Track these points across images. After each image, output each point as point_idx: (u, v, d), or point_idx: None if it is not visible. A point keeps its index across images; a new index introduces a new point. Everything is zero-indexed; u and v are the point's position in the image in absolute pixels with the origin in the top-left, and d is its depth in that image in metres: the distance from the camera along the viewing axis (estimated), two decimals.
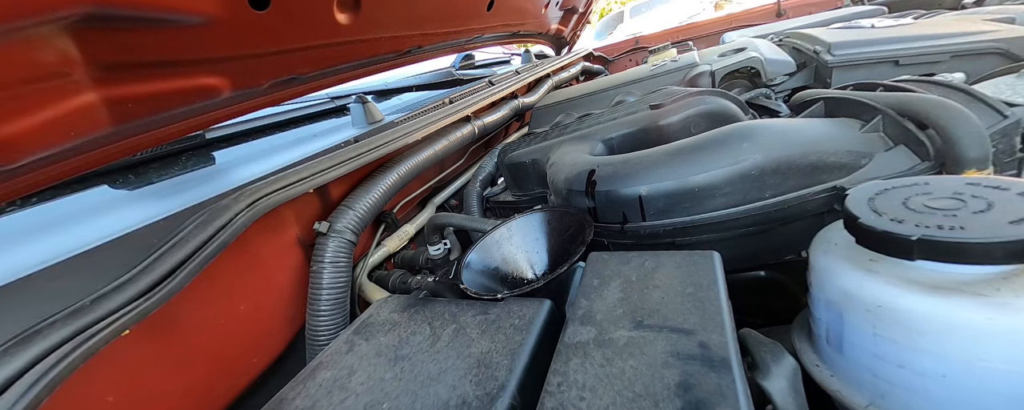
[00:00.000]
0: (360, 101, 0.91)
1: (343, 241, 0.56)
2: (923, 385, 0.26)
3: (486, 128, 0.94)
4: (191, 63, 0.44)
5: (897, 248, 0.27)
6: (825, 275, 0.32)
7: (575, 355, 0.29)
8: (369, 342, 0.37)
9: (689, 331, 0.29)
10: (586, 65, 1.68)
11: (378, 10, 0.65)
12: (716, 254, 0.37)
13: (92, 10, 0.32)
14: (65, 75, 0.33)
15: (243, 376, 0.49)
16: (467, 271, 0.46)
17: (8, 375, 0.31)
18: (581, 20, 1.72)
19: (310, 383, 0.33)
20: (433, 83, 1.52)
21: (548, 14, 1.39)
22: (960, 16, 0.97)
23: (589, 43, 2.26)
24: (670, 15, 4.17)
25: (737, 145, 0.48)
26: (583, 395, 0.26)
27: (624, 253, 0.39)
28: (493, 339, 0.33)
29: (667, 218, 0.49)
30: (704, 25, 2.00)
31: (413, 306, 0.40)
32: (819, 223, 0.37)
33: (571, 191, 0.56)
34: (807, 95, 0.64)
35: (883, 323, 0.27)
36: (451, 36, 0.93)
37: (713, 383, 0.25)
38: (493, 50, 1.88)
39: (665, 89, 0.74)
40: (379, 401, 0.30)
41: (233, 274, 0.48)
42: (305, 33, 0.56)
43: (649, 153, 0.53)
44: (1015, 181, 0.29)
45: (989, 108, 0.46)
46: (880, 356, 0.28)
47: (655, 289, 0.34)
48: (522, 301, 0.37)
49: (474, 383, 0.29)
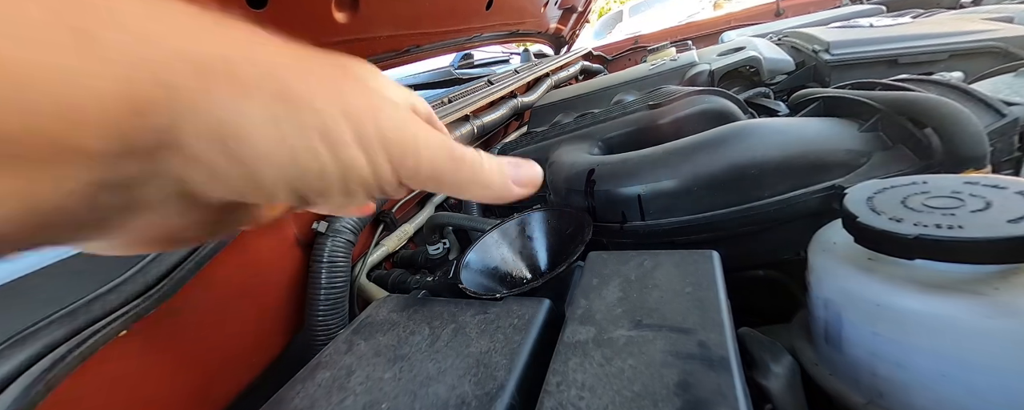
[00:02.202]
0: None
1: (342, 240, 0.56)
2: (922, 384, 0.26)
3: (485, 127, 0.94)
4: None
5: (895, 247, 0.27)
6: (824, 274, 0.32)
7: (574, 354, 0.29)
8: (368, 342, 0.37)
9: (688, 330, 0.29)
10: (585, 64, 1.68)
11: (376, 9, 0.65)
12: (715, 253, 0.37)
13: None
14: None
15: (241, 376, 0.48)
16: (466, 271, 0.46)
17: (4, 376, 0.31)
18: (580, 19, 1.72)
19: (309, 383, 0.33)
20: (432, 82, 1.52)
21: (547, 13, 1.38)
22: (958, 15, 0.97)
23: (588, 42, 2.26)
24: (669, 14, 4.17)
25: (736, 144, 0.48)
26: (582, 394, 0.26)
27: (623, 252, 0.39)
28: (492, 339, 0.33)
29: (666, 217, 0.49)
30: (703, 24, 2.00)
31: (412, 306, 0.40)
32: (818, 222, 0.37)
33: (570, 190, 0.56)
34: (806, 94, 0.64)
35: (882, 322, 0.27)
36: (450, 35, 0.93)
37: (712, 382, 0.25)
38: (492, 49, 1.88)
39: (664, 88, 0.74)
40: (378, 401, 0.30)
41: (231, 274, 0.48)
42: (303, 32, 0.56)
43: (648, 152, 0.53)
44: (1013, 180, 0.29)
45: (987, 107, 0.46)
46: (879, 355, 0.28)
47: (654, 288, 0.34)
48: (521, 301, 0.37)
49: (473, 383, 0.29)
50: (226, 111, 0.13)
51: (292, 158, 0.15)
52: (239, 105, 0.14)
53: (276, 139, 0.14)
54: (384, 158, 0.17)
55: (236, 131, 0.14)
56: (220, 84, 0.13)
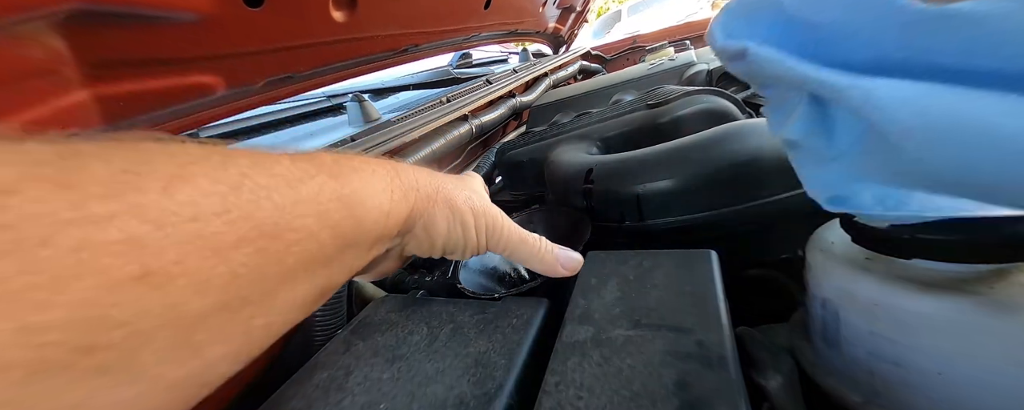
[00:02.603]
0: (357, 100, 0.90)
1: None
2: (920, 383, 0.26)
3: (483, 127, 0.94)
4: (184, 61, 0.44)
5: (892, 246, 0.27)
6: (821, 273, 0.32)
7: (573, 354, 0.29)
8: (366, 342, 0.36)
9: (687, 330, 0.29)
10: (583, 64, 1.68)
11: (375, 8, 0.65)
12: (713, 253, 0.37)
13: (81, 6, 0.31)
14: (54, 73, 0.33)
15: (240, 376, 0.48)
16: (465, 270, 0.46)
17: None
18: (578, 19, 1.72)
19: (307, 383, 0.33)
20: (430, 82, 1.52)
21: (545, 13, 1.38)
22: None
23: (587, 42, 2.26)
24: (667, 14, 4.17)
25: (734, 144, 0.48)
26: (581, 394, 0.26)
27: (622, 252, 0.39)
28: (491, 339, 0.33)
29: (664, 217, 0.49)
30: (702, 24, 2.00)
31: (410, 306, 0.40)
32: (815, 222, 0.37)
33: (568, 190, 0.56)
34: None
35: (879, 321, 0.27)
36: (448, 34, 0.93)
37: (711, 382, 0.25)
38: (490, 49, 1.88)
39: (662, 88, 0.74)
40: (376, 401, 0.30)
41: None
42: (301, 31, 0.56)
43: (646, 152, 0.53)
44: None
45: None
46: (877, 354, 0.28)
47: (653, 288, 0.34)
48: (520, 301, 0.37)
49: (472, 383, 0.29)
50: (429, 215, 0.29)
51: (449, 235, 0.30)
52: (433, 211, 0.29)
53: (446, 230, 0.30)
54: (484, 237, 0.32)
55: (432, 224, 0.29)
56: (428, 202, 0.29)
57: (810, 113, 0.19)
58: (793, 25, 0.17)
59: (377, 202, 0.24)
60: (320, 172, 0.20)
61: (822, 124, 0.19)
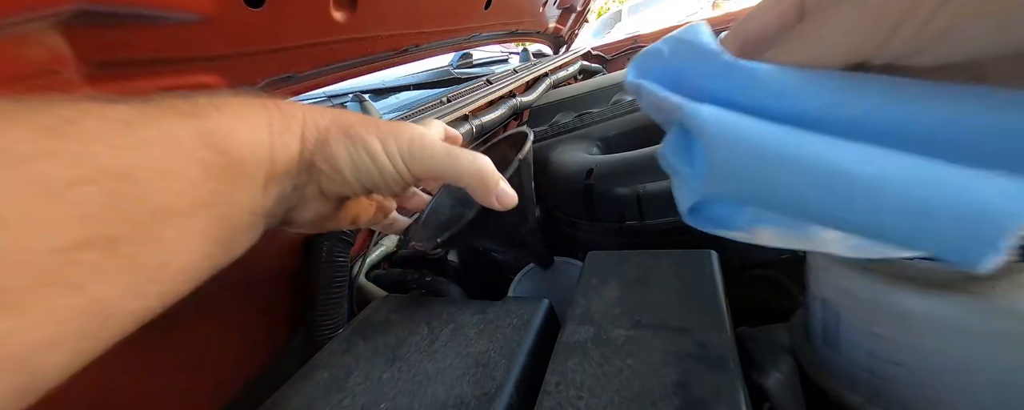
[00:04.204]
0: (357, 100, 0.90)
1: (341, 240, 0.56)
2: (920, 383, 0.26)
3: (484, 127, 0.94)
4: (185, 61, 0.44)
5: None
6: (822, 273, 0.32)
7: (573, 354, 0.29)
8: (367, 342, 0.36)
9: (687, 330, 0.29)
10: (584, 64, 1.68)
11: (375, 8, 0.65)
12: (714, 253, 0.37)
13: (82, 6, 0.32)
14: (56, 73, 0.33)
15: (239, 376, 0.48)
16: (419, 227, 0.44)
17: None
18: (579, 19, 1.72)
19: (307, 383, 0.33)
20: (430, 82, 1.52)
21: (546, 12, 1.38)
22: None
23: (587, 42, 2.26)
24: (668, 14, 4.17)
25: None
26: (581, 394, 0.26)
27: (622, 252, 0.39)
28: (491, 339, 0.33)
29: (665, 217, 0.49)
30: None
31: (410, 305, 0.40)
32: None
33: (568, 190, 0.56)
34: None
35: (879, 321, 0.27)
36: (449, 34, 0.93)
37: (711, 381, 0.25)
38: (491, 49, 1.88)
39: None
40: (376, 401, 0.30)
41: (230, 273, 0.48)
42: (301, 31, 0.56)
43: (646, 152, 0.53)
44: None
45: None
46: (877, 354, 0.28)
47: (653, 288, 0.34)
48: (520, 301, 0.37)
49: (472, 383, 0.29)
50: (325, 146, 0.27)
51: (355, 165, 0.28)
52: (329, 140, 0.27)
53: (348, 159, 0.27)
54: (401, 161, 0.28)
55: (331, 156, 0.27)
56: (322, 133, 0.27)
57: (677, 138, 0.24)
58: (668, 68, 0.23)
59: (253, 137, 0.23)
60: (167, 114, 0.20)
61: (686, 147, 0.23)
